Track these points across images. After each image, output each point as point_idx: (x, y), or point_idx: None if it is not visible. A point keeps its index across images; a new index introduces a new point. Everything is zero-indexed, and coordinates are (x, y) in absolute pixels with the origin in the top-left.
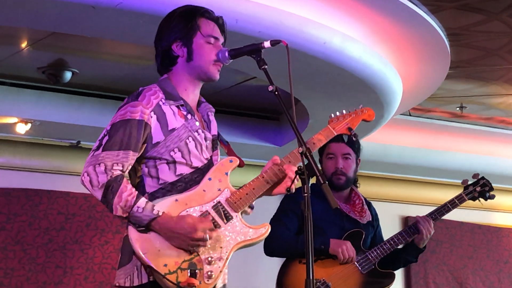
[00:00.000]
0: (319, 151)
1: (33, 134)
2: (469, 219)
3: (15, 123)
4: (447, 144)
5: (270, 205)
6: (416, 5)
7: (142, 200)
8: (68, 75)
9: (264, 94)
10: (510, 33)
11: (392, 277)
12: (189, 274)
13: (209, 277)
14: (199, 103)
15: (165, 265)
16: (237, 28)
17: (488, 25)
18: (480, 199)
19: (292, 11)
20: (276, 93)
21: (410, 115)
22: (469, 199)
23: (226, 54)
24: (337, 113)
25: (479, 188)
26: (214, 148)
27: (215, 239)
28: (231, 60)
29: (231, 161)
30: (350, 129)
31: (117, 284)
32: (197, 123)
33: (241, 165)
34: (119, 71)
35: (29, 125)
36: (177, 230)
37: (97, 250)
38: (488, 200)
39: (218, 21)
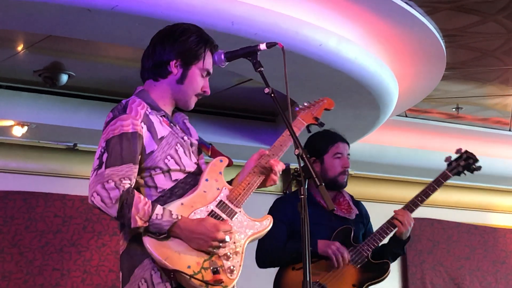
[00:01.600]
0: (319, 151)
1: (30, 137)
2: (465, 219)
3: (12, 126)
4: (443, 145)
5: (262, 206)
6: (412, 7)
7: (159, 207)
8: (64, 78)
9: (260, 96)
10: (505, 34)
11: (386, 267)
12: (212, 272)
13: (231, 271)
14: (172, 114)
15: (189, 267)
16: (233, 30)
17: (483, 26)
18: (466, 172)
19: (288, 13)
20: (272, 95)
21: (406, 116)
22: (453, 175)
23: (222, 56)
24: (304, 104)
25: (463, 162)
26: (199, 152)
27: (232, 234)
28: (227, 63)
29: (221, 161)
30: (316, 118)
31: None
32: (180, 133)
33: (230, 164)
34: (115, 74)
35: (26, 128)
36: (199, 231)
37: (94, 253)
38: (475, 173)
39: (215, 56)
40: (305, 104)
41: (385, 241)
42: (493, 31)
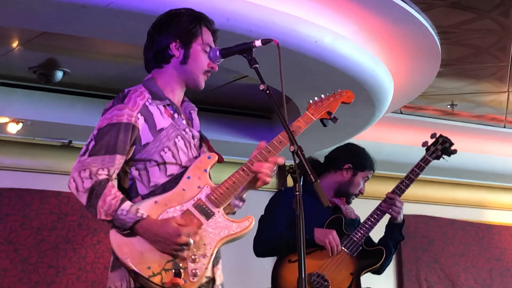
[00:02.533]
0: (360, 165)
1: (25, 133)
2: (461, 216)
3: (7, 123)
4: None
5: (256, 204)
6: (407, 4)
7: (127, 203)
8: (59, 74)
9: (256, 92)
10: (500, 31)
11: (382, 253)
12: (173, 274)
13: (194, 275)
14: (182, 102)
15: (149, 268)
16: (228, 27)
17: (478, 23)
18: (444, 156)
19: (283, 9)
20: (268, 91)
21: (401, 113)
22: (433, 159)
23: (217, 53)
24: (316, 98)
25: (440, 146)
26: (200, 145)
27: (198, 236)
28: (222, 59)
29: (209, 158)
30: (329, 113)
31: (111, 287)
32: (184, 122)
33: (220, 160)
34: (110, 71)
35: (21, 124)
36: (160, 234)
37: (89, 250)
38: (451, 156)
39: (215, 33)
40: (322, 96)
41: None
42: (488, 28)
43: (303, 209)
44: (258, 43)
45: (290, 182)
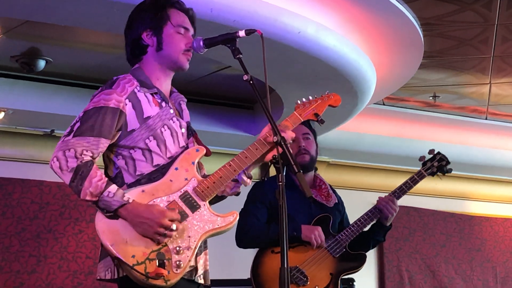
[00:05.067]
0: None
1: (7, 122)
2: (442, 207)
3: None
4: (420, 133)
5: (244, 193)
6: None
7: (113, 186)
8: (41, 63)
9: (239, 83)
10: (482, 23)
11: (363, 259)
12: (157, 264)
13: (178, 266)
14: (171, 93)
15: (133, 256)
16: (212, 17)
17: (461, 15)
18: (439, 173)
19: (267, 0)
20: (251, 82)
21: (383, 104)
22: (428, 174)
23: (201, 43)
24: (303, 100)
25: (437, 163)
26: (189, 135)
27: (183, 228)
28: (206, 49)
29: (197, 150)
30: (316, 114)
31: (98, 278)
32: (172, 111)
33: (207, 154)
34: (93, 60)
35: (3, 113)
36: (145, 215)
37: (71, 239)
38: (446, 174)
39: (188, 12)
40: (310, 98)
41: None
42: (471, 20)
43: (285, 200)
44: (241, 33)
45: (272, 172)
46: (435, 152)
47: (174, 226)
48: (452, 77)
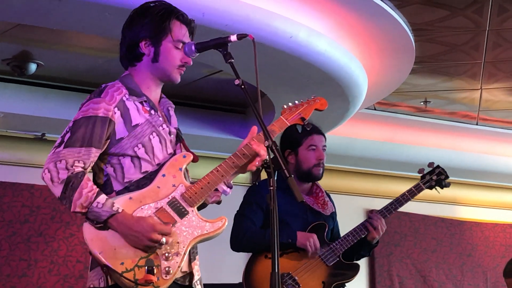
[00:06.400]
0: (293, 143)
1: None
2: (432, 212)
3: None
4: (411, 138)
5: (229, 198)
6: (382, 0)
7: (103, 197)
8: (33, 67)
9: (231, 87)
10: (474, 28)
11: (357, 269)
12: (146, 271)
13: (167, 272)
14: (160, 99)
15: (122, 264)
16: (204, 21)
17: (452, 21)
18: (437, 187)
19: (259, 5)
20: (243, 86)
21: (375, 109)
22: (426, 188)
23: (193, 47)
24: (290, 104)
25: (436, 176)
26: (177, 141)
27: (172, 235)
28: (198, 54)
29: (184, 157)
30: (303, 119)
31: (91, 286)
32: (161, 118)
33: (194, 160)
34: (84, 64)
35: None
36: (135, 228)
37: (62, 243)
38: (444, 189)
39: (190, 24)
40: (296, 102)
41: None
42: (462, 26)
43: (277, 204)
44: (233, 38)
45: (263, 177)
46: (435, 166)
47: (163, 240)
48: (443, 83)
